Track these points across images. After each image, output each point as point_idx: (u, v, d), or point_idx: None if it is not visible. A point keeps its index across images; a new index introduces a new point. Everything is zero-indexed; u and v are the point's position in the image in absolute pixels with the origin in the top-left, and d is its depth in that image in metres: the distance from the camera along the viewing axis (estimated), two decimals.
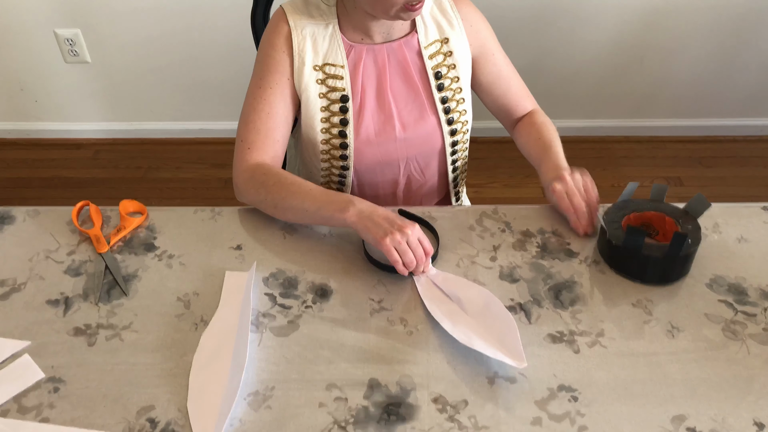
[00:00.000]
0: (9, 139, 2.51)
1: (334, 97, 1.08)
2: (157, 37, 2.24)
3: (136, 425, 0.76)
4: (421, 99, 1.11)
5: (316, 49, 1.06)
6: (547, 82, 2.34)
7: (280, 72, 1.06)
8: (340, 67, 1.07)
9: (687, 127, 2.47)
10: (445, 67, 1.11)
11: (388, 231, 0.90)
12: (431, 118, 1.12)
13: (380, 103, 1.10)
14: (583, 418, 0.77)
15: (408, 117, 1.12)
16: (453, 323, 0.86)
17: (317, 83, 1.07)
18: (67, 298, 0.93)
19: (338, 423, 0.77)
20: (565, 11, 2.17)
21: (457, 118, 1.14)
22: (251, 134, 1.06)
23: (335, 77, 1.07)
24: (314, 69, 1.07)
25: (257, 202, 1.04)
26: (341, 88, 1.08)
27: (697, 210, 0.99)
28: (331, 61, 1.07)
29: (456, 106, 1.13)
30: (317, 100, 1.08)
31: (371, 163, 1.14)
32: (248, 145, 1.06)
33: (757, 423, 0.77)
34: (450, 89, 1.12)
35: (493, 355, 0.81)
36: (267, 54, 1.07)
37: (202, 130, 2.49)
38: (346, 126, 1.09)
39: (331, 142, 1.11)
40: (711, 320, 0.89)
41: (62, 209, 1.08)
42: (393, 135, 1.12)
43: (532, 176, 2.29)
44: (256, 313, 0.91)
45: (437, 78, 1.10)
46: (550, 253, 1.00)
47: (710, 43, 2.25)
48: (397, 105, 1.11)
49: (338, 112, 1.09)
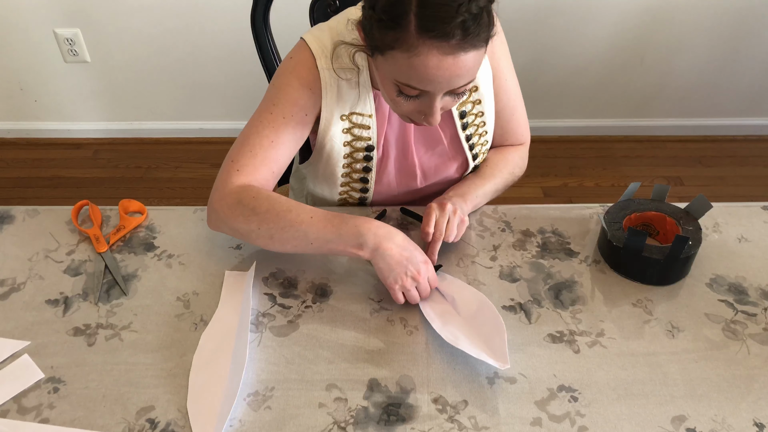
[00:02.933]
0: (9, 139, 2.51)
1: (359, 146, 1.03)
2: (157, 37, 2.24)
3: (136, 425, 0.76)
4: (443, 146, 1.07)
5: (344, 98, 0.98)
6: (547, 81, 2.34)
7: (299, 106, 0.96)
8: (367, 117, 1.00)
9: (687, 126, 2.47)
10: (470, 104, 1.05)
11: (400, 278, 0.88)
12: (453, 163, 1.09)
13: (403, 153, 1.07)
14: (583, 418, 0.77)
15: (428, 163, 1.08)
16: (443, 323, 0.87)
17: (343, 132, 1.01)
18: (67, 298, 0.93)
19: (338, 423, 0.76)
20: (565, 11, 2.17)
21: (480, 150, 1.10)
22: (245, 157, 0.95)
23: (362, 126, 1.01)
24: (341, 119, 1.00)
25: (246, 232, 0.92)
26: (367, 137, 1.02)
27: (698, 211, 0.99)
28: (359, 110, 1.00)
29: (479, 139, 1.09)
30: (342, 148, 1.02)
31: (389, 200, 1.13)
32: (238, 167, 0.94)
33: (757, 423, 0.77)
34: (474, 125, 1.07)
35: (477, 355, 0.81)
36: (289, 83, 0.96)
37: (201, 130, 2.49)
38: (368, 173, 1.06)
39: (351, 186, 1.08)
40: (711, 320, 0.89)
41: (62, 209, 1.08)
42: (414, 185, 1.10)
43: (532, 176, 2.29)
44: (256, 313, 0.91)
45: (461, 117, 1.05)
46: (550, 253, 1.00)
47: (710, 42, 2.25)
48: (418, 153, 1.07)
49: (361, 159, 1.04)
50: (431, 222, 0.96)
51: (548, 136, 2.48)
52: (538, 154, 2.38)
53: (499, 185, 1.09)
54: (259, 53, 1.26)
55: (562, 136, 2.49)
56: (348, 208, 1.11)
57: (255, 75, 1.69)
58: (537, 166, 2.33)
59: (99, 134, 2.51)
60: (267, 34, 1.24)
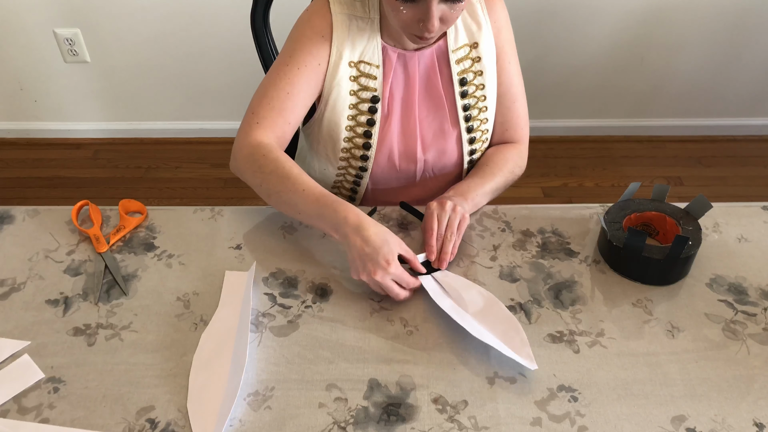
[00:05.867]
0: (9, 139, 2.51)
1: (365, 96, 1.05)
2: (157, 37, 2.24)
3: (136, 425, 0.76)
4: (443, 109, 1.08)
5: (354, 45, 1.03)
6: (548, 81, 2.34)
7: (313, 55, 1.02)
8: (375, 67, 1.04)
9: (687, 126, 2.47)
10: (471, 73, 1.07)
11: (357, 271, 0.89)
12: (451, 130, 1.10)
13: (406, 112, 1.08)
14: (583, 418, 0.77)
15: (428, 129, 1.10)
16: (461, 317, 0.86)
17: (350, 80, 1.04)
18: (67, 298, 0.93)
19: (338, 423, 0.76)
20: (565, 11, 2.17)
21: (477, 127, 1.11)
22: (264, 109, 1.01)
23: (369, 76, 1.04)
24: (350, 65, 1.04)
25: (253, 184, 1.00)
26: (373, 88, 1.05)
27: (698, 211, 0.99)
28: (367, 59, 1.04)
29: (478, 114, 1.10)
30: (347, 97, 1.05)
31: (388, 170, 1.13)
32: (258, 119, 1.02)
33: (757, 423, 0.77)
34: (473, 96, 1.08)
35: (506, 352, 0.81)
36: (303, 33, 1.02)
37: (201, 130, 2.49)
38: (372, 126, 1.07)
39: (354, 141, 1.09)
40: (711, 320, 0.89)
41: (62, 209, 1.08)
42: (414, 154, 1.11)
43: (533, 176, 2.29)
44: (256, 313, 0.91)
45: (462, 84, 1.07)
46: (550, 253, 1.00)
47: (710, 42, 2.25)
48: (420, 114, 1.08)
49: (366, 111, 1.06)
50: (431, 220, 0.96)
51: (548, 136, 2.48)
52: (538, 154, 2.38)
53: (500, 184, 1.09)
54: (258, 53, 1.26)
55: (562, 136, 2.49)
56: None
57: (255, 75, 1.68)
58: (537, 166, 2.33)
59: (99, 134, 2.51)
60: (267, 34, 1.24)
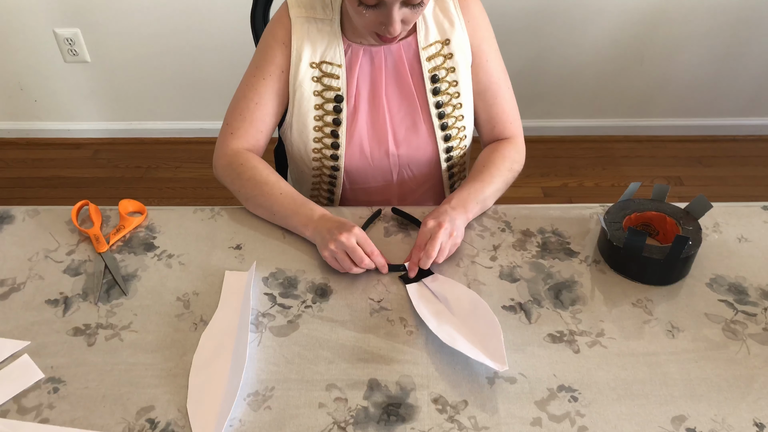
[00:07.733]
0: (8, 139, 2.51)
1: (329, 96, 1.07)
2: (157, 37, 2.24)
3: (136, 425, 0.76)
4: (414, 105, 1.09)
5: (314, 46, 1.05)
6: (547, 81, 2.34)
7: (276, 64, 1.06)
8: (337, 66, 1.05)
9: (687, 126, 2.47)
10: (443, 69, 1.07)
11: (327, 242, 0.93)
12: (423, 126, 1.10)
13: (374, 107, 1.09)
14: (583, 418, 0.77)
15: (399, 125, 1.10)
16: (438, 323, 0.86)
17: (313, 81, 1.06)
18: (67, 298, 0.93)
19: (338, 423, 0.76)
20: (565, 11, 2.17)
21: (452, 124, 1.11)
22: (237, 120, 1.08)
23: (331, 76, 1.06)
24: (311, 66, 1.06)
25: (233, 190, 1.07)
26: (336, 87, 1.06)
27: (698, 211, 0.99)
28: (329, 59, 1.05)
29: (452, 111, 1.10)
30: (311, 97, 1.07)
31: (363, 168, 1.13)
32: (232, 129, 1.08)
33: (757, 423, 0.77)
34: (446, 93, 1.08)
35: (475, 356, 0.81)
36: (267, 43, 1.06)
37: (201, 130, 2.49)
38: (339, 126, 1.08)
39: (323, 142, 1.10)
40: (711, 320, 0.89)
41: (62, 209, 1.08)
42: (386, 149, 1.11)
43: (532, 176, 2.29)
44: (256, 313, 0.91)
45: (433, 81, 1.07)
46: (550, 253, 1.00)
47: (710, 42, 2.25)
48: (390, 110, 1.09)
49: (332, 111, 1.08)
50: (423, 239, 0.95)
51: (548, 136, 2.48)
52: (538, 154, 2.38)
53: (500, 184, 1.08)
54: None
55: (562, 136, 2.49)
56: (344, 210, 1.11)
57: None
58: (537, 166, 2.33)
59: (99, 134, 2.51)
60: None
